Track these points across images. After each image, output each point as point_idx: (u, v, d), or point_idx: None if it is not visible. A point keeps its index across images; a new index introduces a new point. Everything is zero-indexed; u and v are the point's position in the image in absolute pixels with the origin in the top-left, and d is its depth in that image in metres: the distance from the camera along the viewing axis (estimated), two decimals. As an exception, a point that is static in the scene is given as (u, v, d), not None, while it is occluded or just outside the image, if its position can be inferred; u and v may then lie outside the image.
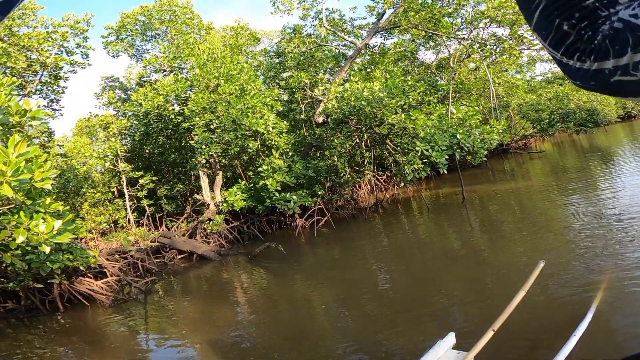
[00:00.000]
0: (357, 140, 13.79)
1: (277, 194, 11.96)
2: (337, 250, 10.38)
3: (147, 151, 16.59)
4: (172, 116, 12.35)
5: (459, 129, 11.79)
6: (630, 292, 4.49)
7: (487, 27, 17.28)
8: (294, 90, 15.24)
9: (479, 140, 11.90)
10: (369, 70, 16.27)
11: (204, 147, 11.84)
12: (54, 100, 15.30)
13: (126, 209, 15.79)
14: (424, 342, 4.07)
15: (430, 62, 23.64)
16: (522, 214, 10.35)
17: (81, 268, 7.57)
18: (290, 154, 13.90)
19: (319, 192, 13.16)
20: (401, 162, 12.13)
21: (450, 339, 3.61)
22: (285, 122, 13.77)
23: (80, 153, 17.66)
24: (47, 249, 4.27)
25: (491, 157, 24.06)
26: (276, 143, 13.11)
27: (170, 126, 13.28)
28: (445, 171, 11.45)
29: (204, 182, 13.31)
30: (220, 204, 12.78)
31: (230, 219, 13.12)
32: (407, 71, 19.97)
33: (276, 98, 13.30)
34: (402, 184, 12.61)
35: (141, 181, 15.23)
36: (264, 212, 12.86)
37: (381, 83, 12.85)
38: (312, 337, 5.22)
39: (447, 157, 11.17)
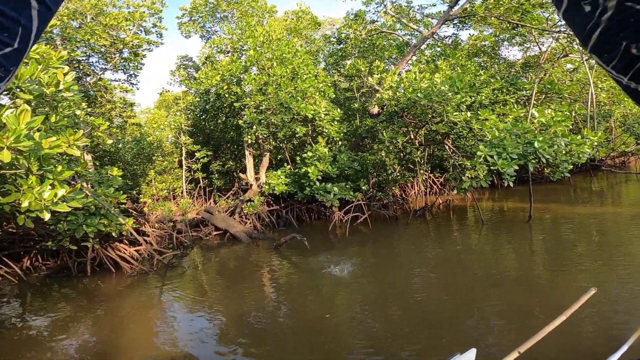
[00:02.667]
0: (412, 136, 12.71)
1: (317, 183, 11.57)
2: (370, 252, 9.70)
3: (208, 127, 17.33)
4: (227, 95, 12.58)
5: (539, 136, 10.02)
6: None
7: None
8: (352, 78, 14.60)
9: (563, 152, 10.01)
10: (437, 63, 14.91)
11: (252, 127, 11.87)
12: (133, 75, 16.64)
13: (182, 180, 16.74)
14: (443, 356, 3.80)
15: (514, 60, 21.02)
16: (599, 243, 8.70)
17: (113, 234, 7.87)
18: (339, 143, 13.36)
19: (363, 187, 12.46)
20: (462, 166, 10.82)
21: (471, 354, 3.28)
22: (339, 110, 13.23)
23: (157, 124, 19.15)
24: (47, 216, 4.37)
25: (577, 172, 20.87)
26: (326, 131, 12.66)
27: (226, 104, 13.59)
28: (512, 184, 9.92)
29: (249, 162, 13.43)
30: (263, 186, 12.79)
31: (272, 202, 13.09)
32: (484, 67, 17.95)
33: (330, 84, 12.78)
34: (455, 191, 11.31)
35: (197, 154, 15.95)
36: (304, 199, 12.57)
37: (445, 75, 11.57)
38: (328, 334, 5.00)
39: (516, 167, 9.58)
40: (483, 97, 12.64)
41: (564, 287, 6.03)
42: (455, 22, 15.55)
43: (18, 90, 4.92)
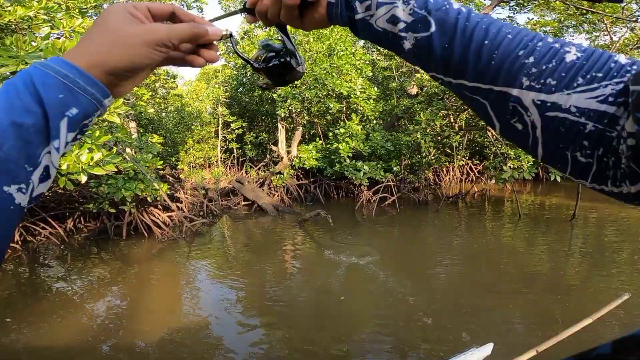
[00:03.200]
0: (452, 119, 12.11)
1: (348, 160, 11.45)
2: (395, 235, 9.54)
3: (244, 99, 17.55)
4: (263, 68, 12.60)
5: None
6: None
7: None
8: (392, 57, 14.03)
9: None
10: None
11: (286, 101, 11.86)
12: (175, 50, 17.01)
13: (218, 149, 17.24)
14: (459, 349, 3.75)
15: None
16: (646, 248, 7.98)
17: (148, 199, 8.13)
18: (374, 122, 13.04)
19: (394, 168, 12.17)
20: (505, 155, 10.21)
21: (487, 349, 3.21)
22: (376, 88, 12.84)
23: (197, 95, 19.67)
24: (84, 178, 4.55)
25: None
26: (361, 108, 12.39)
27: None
28: (559, 178, 9.20)
29: (282, 135, 13.51)
30: (293, 159, 12.87)
31: (301, 176, 13.16)
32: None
33: (367, 62, 12.37)
34: (494, 181, 10.74)
35: (233, 125, 16.28)
36: (334, 176, 12.51)
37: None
38: (341, 316, 5.02)
39: None
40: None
41: (596, 291, 5.67)
42: (511, 4, 14.21)
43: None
